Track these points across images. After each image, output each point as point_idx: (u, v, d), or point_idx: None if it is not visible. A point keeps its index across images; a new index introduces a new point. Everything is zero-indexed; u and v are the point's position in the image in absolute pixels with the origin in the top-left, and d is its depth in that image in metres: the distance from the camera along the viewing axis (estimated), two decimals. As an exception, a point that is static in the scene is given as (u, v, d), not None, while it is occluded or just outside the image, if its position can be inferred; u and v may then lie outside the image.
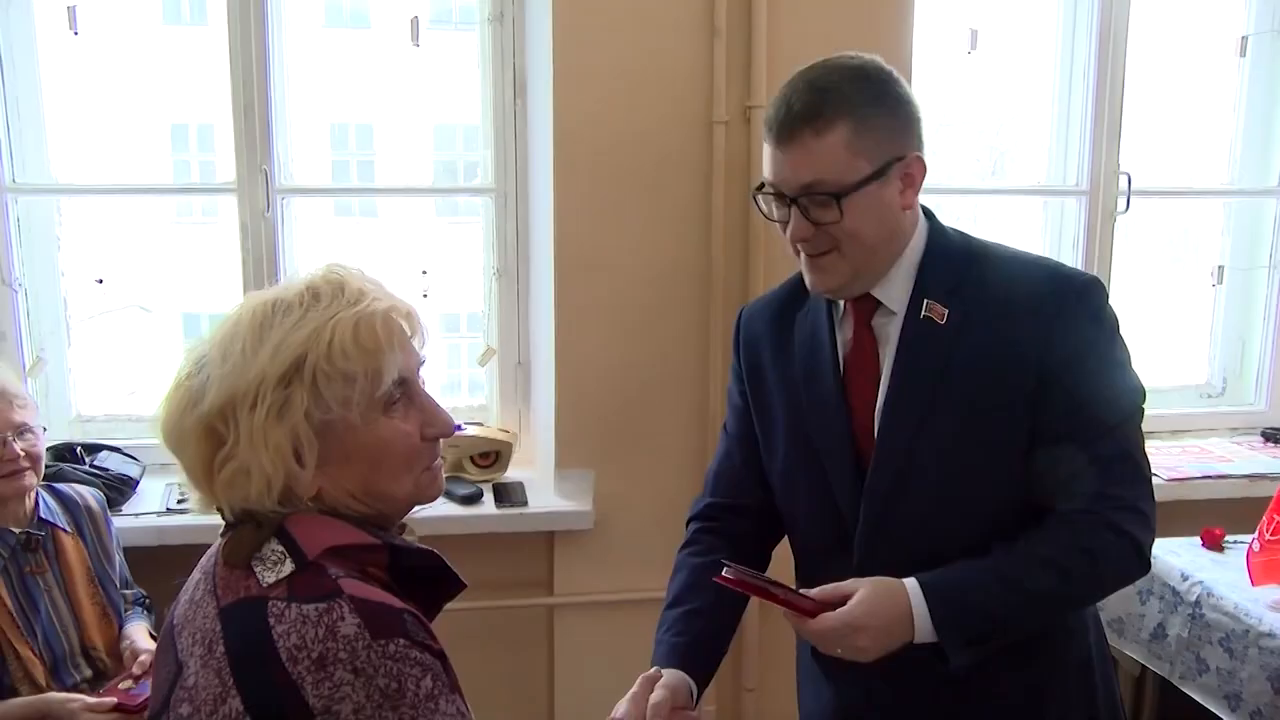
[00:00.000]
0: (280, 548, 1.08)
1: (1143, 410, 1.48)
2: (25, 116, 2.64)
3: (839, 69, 1.44)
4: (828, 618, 1.36)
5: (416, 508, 1.20)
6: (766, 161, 1.46)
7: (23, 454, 2.09)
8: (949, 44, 2.85)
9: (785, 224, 1.46)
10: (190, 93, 3.63)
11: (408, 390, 1.15)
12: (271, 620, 1.02)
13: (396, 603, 1.07)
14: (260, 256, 2.67)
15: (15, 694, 2.04)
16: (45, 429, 2.24)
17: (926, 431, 1.45)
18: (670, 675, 1.47)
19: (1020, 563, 1.40)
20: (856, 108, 1.40)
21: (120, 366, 3.05)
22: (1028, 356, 1.42)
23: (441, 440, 1.20)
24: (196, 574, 1.17)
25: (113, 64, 3.18)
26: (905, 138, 1.45)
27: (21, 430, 2.11)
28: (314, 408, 1.08)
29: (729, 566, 1.41)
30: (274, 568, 1.07)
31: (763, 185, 1.48)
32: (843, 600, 1.37)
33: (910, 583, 1.38)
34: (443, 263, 2.91)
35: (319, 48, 2.96)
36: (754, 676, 2.79)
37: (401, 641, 1.02)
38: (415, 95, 3.27)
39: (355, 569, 1.10)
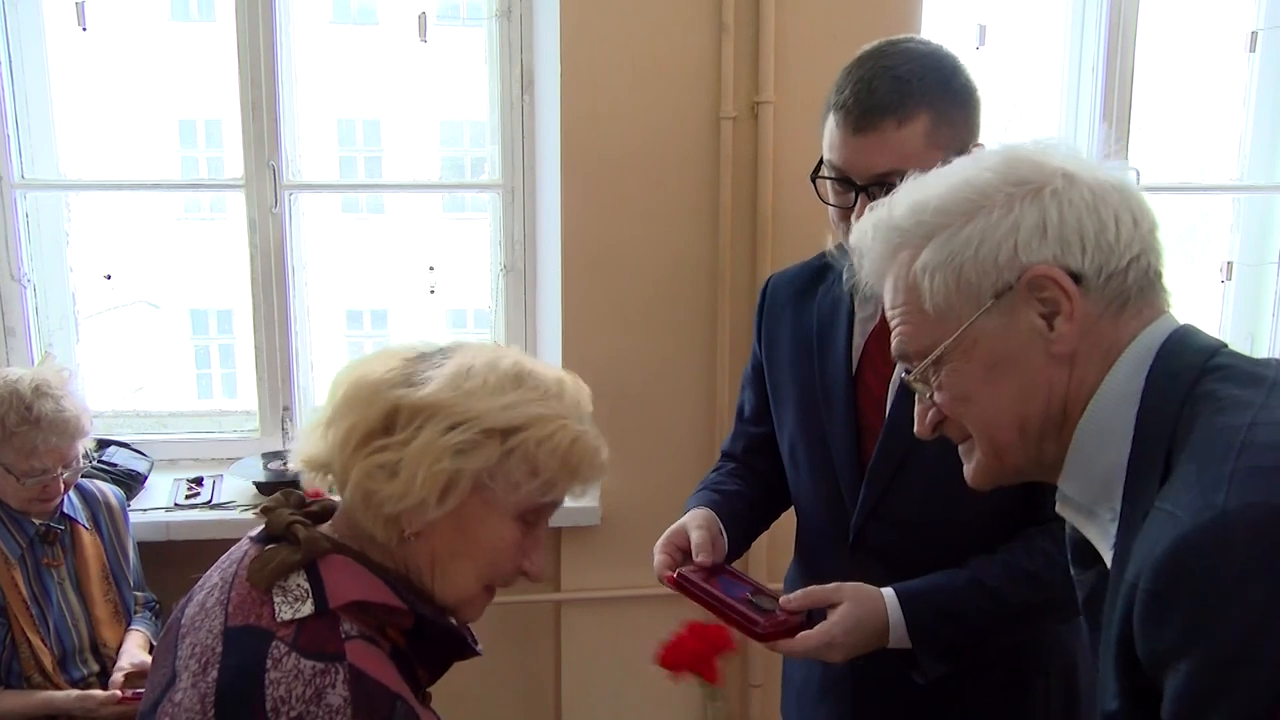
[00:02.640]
0: (306, 585, 1.06)
1: None
2: (34, 112, 2.64)
3: (916, 56, 1.43)
4: (809, 635, 1.37)
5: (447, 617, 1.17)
6: (834, 146, 1.45)
7: (63, 486, 2.11)
8: (957, 39, 2.84)
9: (844, 210, 1.46)
10: (198, 89, 3.64)
11: (540, 519, 1.16)
12: (269, 663, 1.00)
13: (394, 684, 1.04)
14: (268, 252, 2.68)
15: (26, 681, 2.06)
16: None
17: None
18: (703, 516, 1.53)
19: (999, 574, 1.40)
20: (936, 100, 1.40)
21: (128, 362, 3.06)
22: None
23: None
24: (214, 575, 1.14)
25: (121, 60, 3.19)
26: (974, 129, 1.46)
27: (70, 464, 2.12)
28: (487, 471, 1.08)
29: (683, 571, 1.44)
30: (293, 604, 1.04)
31: (819, 168, 1.48)
32: (821, 606, 1.39)
33: (887, 592, 1.40)
34: (450, 259, 2.91)
35: (326, 44, 2.96)
36: (760, 673, 2.79)
37: None
38: (422, 91, 3.28)
39: (374, 626, 1.08)
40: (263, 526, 1.14)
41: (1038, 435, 0.98)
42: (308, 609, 1.04)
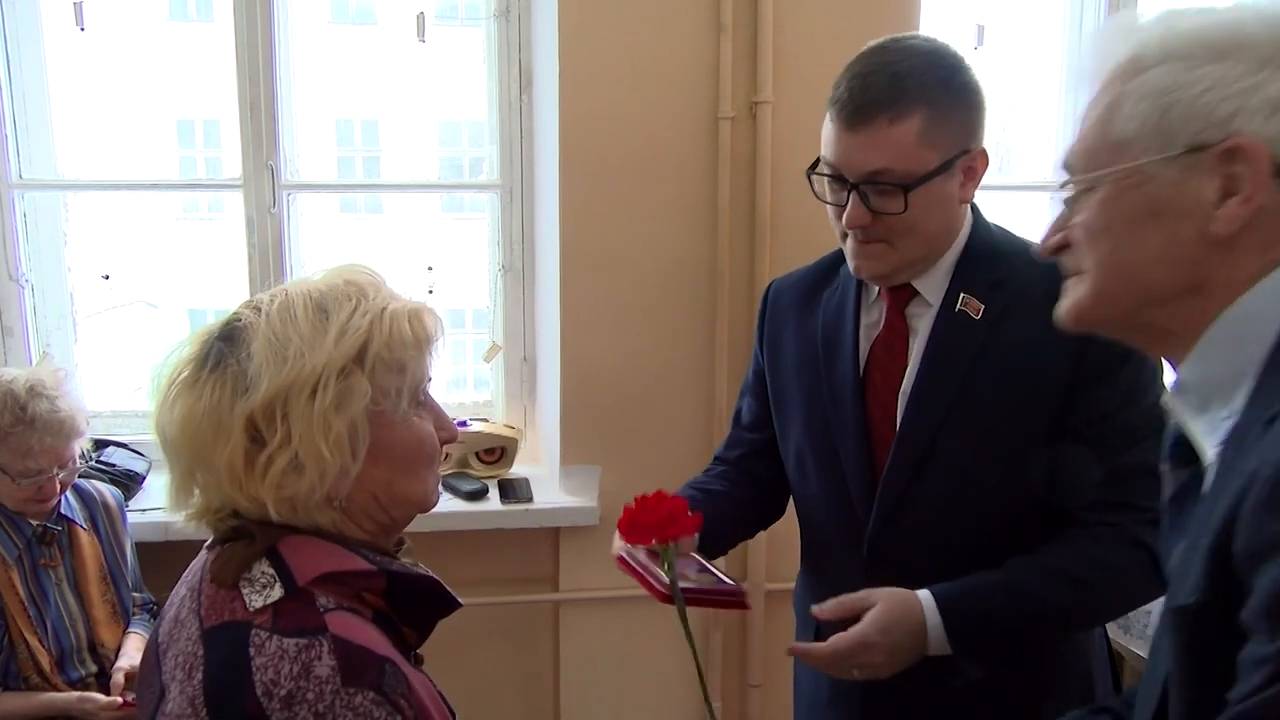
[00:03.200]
0: (270, 570, 1.05)
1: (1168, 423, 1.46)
2: (32, 112, 2.64)
3: (917, 53, 1.40)
4: (842, 637, 1.35)
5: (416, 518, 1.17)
6: (829, 142, 1.43)
7: (59, 486, 2.11)
8: (956, 39, 2.83)
9: (840, 208, 1.43)
10: (196, 89, 3.64)
11: (425, 394, 1.15)
12: (252, 650, 0.99)
13: (380, 648, 1.03)
14: (266, 252, 2.68)
15: (23, 681, 2.06)
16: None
17: (951, 426, 1.43)
18: None
19: (1037, 576, 1.38)
20: (934, 98, 1.37)
21: (126, 362, 3.05)
22: (1061, 360, 1.39)
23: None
24: (181, 589, 1.13)
25: (119, 60, 3.19)
26: (974, 130, 1.42)
27: (66, 464, 2.12)
28: (370, 401, 1.06)
29: (630, 548, 1.39)
30: (262, 591, 1.03)
31: (816, 164, 1.45)
32: (855, 614, 1.36)
33: (924, 594, 1.37)
34: (448, 259, 2.91)
35: (325, 44, 2.96)
36: (759, 673, 2.79)
37: (371, 695, 0.98)
38: (421, 91, 3.28)
39: (350, 595, 1.07)
40: (210, 539, 1.13)
41: (1153, 301, 0.93)
42: (278, 592, 1.03)
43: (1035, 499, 1.43)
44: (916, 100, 1.36)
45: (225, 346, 1.08)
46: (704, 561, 1.46)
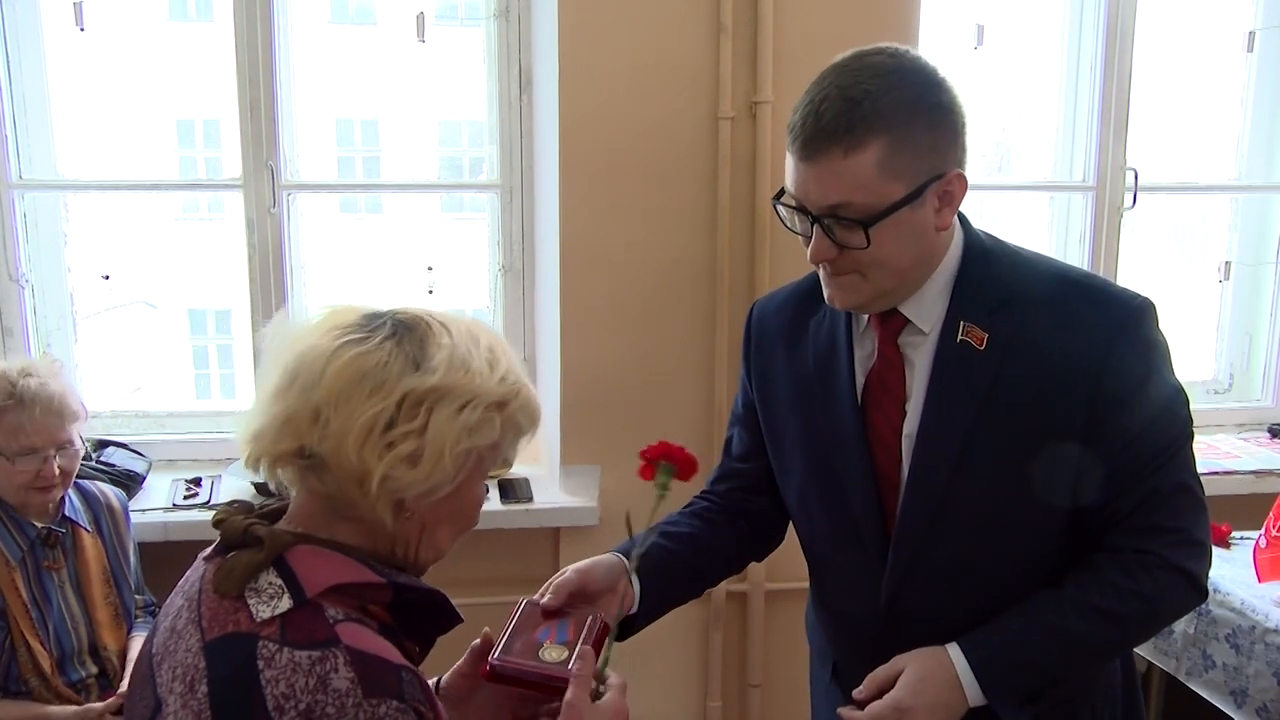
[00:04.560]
0: (278, 580, 1.03)
1: (1192, 434, 1.39)
2: (32, 113, 2.64)
3: (877, 73, 1.25)
4: (876, 705, 1.32)
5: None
6: (789, 172, 1.31)
7: (59, 471, 2.11)
8: (956, 40, 2.84)
9: (807, 239, 1.33)
10: (196, 89, 3.64)
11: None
12: (260, 663, 0.97)
13: (395, 657, 1.02)
14: (266, 252, 2.68)
15: (23, 683, 2.06)
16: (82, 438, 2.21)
17: (966, 468, 1.35)
18: (597, 559, 1.45)
19: (1070, 613, 1.33)
20: (893, 124, 1.24)
21: (126, 362, 3.06)
22: (1079, 388, 1.31)
23: None
24: (178, 599, 1.10)
25: (119, 60, 3.19)
26: (946, 153, 1.29)
27: (64, 446, 2.12)
28: (491, 443, 1.10)
29: (527, 601, 1.39)
30: (269, 602, 1.01)
31: (781, 193, 1.34)
32: (891, 684, 1.33)
33: (953, 648, 1.33)
34: (448, 259, 2.92)
35: (324, 44, 2.96)
36: (759, 673, 2.79)
37: (394, 704, 0.98)
38: (421, 91, 3.28)
39: (356, 606, 1.06)
40: (215, 542, 1.11)
41: None
42: (286, 604, 1.01)
43: (1063, 532, 1.38)
44: (874, 128, 1.23)
45: (402, 329, 1.09)
46: (585, 634, 1.38)
